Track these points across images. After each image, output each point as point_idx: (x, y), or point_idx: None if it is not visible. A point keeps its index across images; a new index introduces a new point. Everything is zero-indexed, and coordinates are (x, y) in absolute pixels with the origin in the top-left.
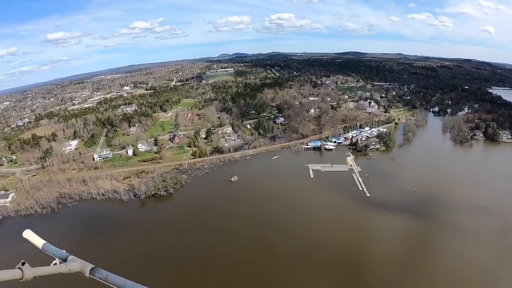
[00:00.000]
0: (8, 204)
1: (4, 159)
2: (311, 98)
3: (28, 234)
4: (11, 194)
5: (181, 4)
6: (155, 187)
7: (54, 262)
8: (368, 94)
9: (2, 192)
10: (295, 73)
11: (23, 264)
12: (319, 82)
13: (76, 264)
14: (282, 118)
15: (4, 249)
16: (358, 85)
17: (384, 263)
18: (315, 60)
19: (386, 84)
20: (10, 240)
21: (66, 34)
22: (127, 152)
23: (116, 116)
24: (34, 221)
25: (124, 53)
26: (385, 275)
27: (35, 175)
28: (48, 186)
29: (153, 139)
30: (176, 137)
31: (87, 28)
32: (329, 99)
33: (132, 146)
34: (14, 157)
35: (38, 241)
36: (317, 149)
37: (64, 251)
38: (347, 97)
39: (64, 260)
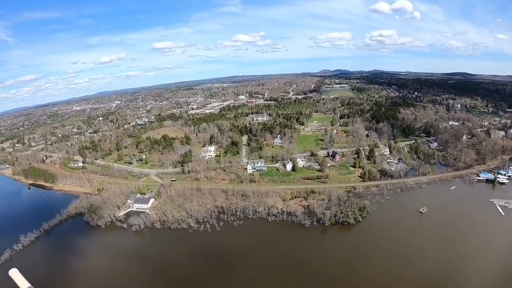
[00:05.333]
0: (148, 211)
1: (133, 157)
2: (451, 123)
3: (14, 274)
4: (151, 200)
5: (281, 20)
6: (342, 213)
7: None
8: (508, 121)
9: (138, 195)
10: (416, 93)
11: None
12: (449, 105)
13: None
14: (436, 143)
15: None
16: (489, 110)
17: None
18: (426, 80)
19: None
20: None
21: (172, 44)
22: (284, 166)
23: (252, 124)
24: (190, 237)
25: (225, 64)
26: None
27: (175, 180)
28: (198, 196)
29: (307, 153)
30: (337, 154)
31: (191, 39)
32: (470, 124)
33: (291, 160)
34: (144, 156)
35: (22, 283)
36: (490, 181)
37: None
38: (486, 123)
39: None
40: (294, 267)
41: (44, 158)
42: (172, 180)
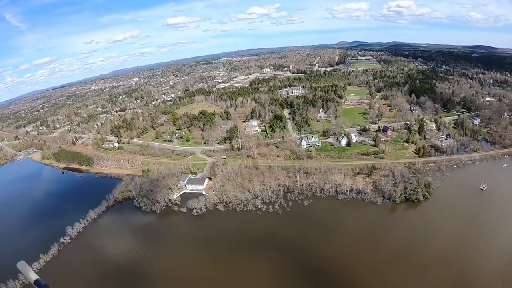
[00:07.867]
0: (204, 192)
1: (172, 134)
2: (488, 98)
3: (22, 266)
4: (206, 180)
5: None
6: (411, 190)
7: None
8: None
9: (190, 175)
10: (443, 66)
11: None
12: (481, 80)
13: None
14: (479, 119)
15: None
16: None
17: None
18: (449, 52)
19: None
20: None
21: (185, 19)
22: (338, 141)
23: (292, 97)
24: (261, 219)
25: (239, 37)
26: None
27: (225, 158)
28: (256, 174)
29: (357, 128)
30: (389, 129)
31: (204, 13)
32: (507, 101)
33: (345, 135)
34: (184, 133)
35: (30, 275)
36: None
37: None
38: None
39: None
40: (381, 247)
41: (74, 139)
42: (223, 158)
